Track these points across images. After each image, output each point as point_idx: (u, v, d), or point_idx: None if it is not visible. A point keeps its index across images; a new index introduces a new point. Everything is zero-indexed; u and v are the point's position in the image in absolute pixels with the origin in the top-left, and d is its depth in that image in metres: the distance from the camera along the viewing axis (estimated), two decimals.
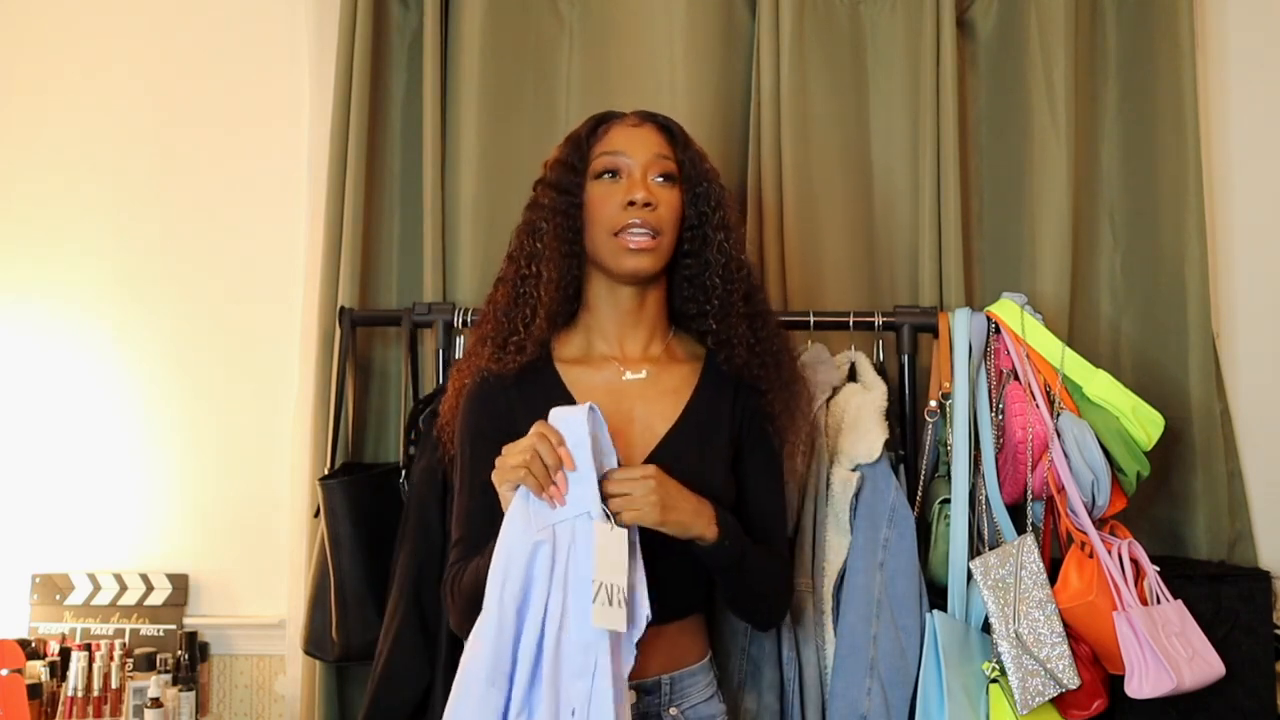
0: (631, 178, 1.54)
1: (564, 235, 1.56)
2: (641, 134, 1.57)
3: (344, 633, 1.96)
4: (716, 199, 1.59)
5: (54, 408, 2.29)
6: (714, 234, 1.58)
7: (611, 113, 1.62)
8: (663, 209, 1.54)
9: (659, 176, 1.55)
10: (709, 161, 1.62)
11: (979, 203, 2.30)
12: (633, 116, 1.60)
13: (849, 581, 1.83)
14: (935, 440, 1.97)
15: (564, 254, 1.56)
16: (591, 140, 1.58)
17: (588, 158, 1.57)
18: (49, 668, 2.09)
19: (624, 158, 1.55)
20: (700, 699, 1.59)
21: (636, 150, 1.55)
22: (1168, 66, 2.24)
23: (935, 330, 2.01)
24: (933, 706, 1.78)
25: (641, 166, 1.55)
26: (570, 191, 1.56)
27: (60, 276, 2.31)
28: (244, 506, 2.28)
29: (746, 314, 1.60)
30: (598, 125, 1.60)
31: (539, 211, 1.59)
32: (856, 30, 2.29)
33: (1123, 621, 1.76)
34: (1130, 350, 2.28)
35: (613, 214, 1.53)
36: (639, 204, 1.51)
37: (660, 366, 1.61)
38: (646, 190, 1.52)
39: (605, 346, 1.60)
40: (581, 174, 1.57)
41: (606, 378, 1.58)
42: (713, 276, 1.58)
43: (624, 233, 1.52)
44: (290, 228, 2.30)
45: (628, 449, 1.54)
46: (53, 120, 2.34)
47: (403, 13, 2.28)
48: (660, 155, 1.56)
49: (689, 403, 1.59)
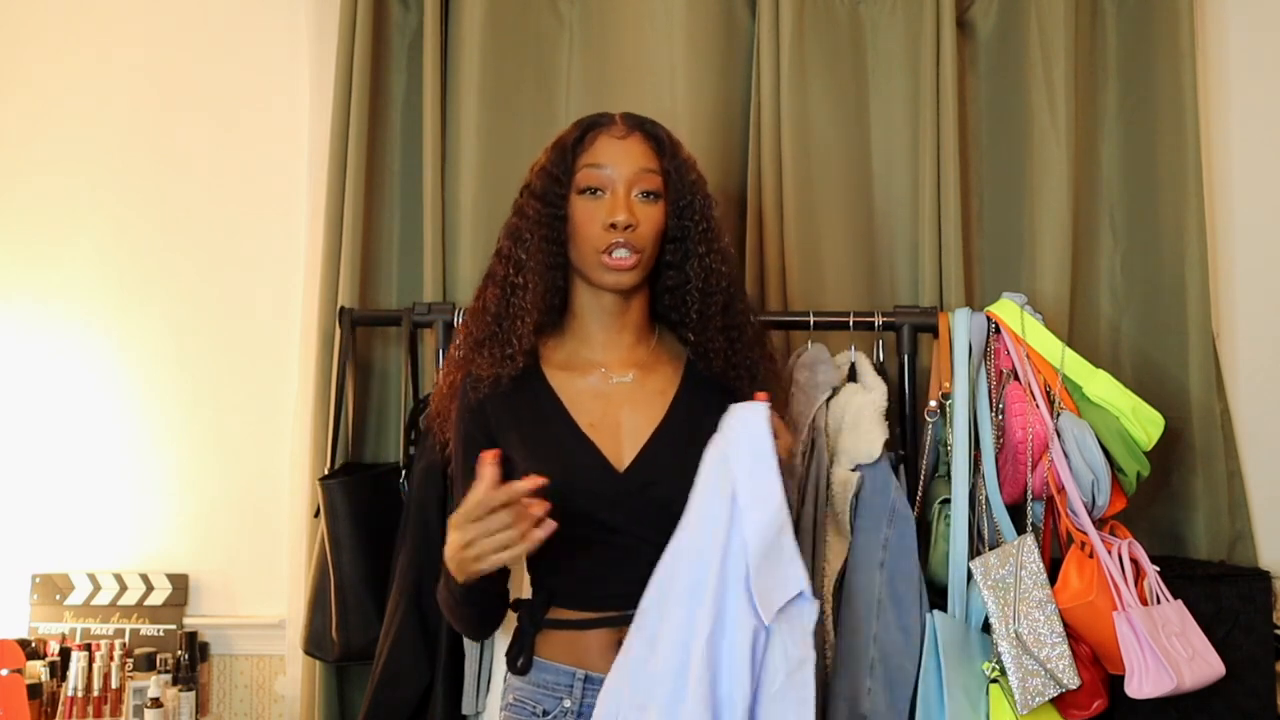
0: (615, 195, 1.54)
1: (548, 247, 1.57)
2: (627, 146, 1.57)
3: (344, 633, 1.96)
4: (700, 211, 1.59)
5: (54, 408, 2.29)
6: (695, 248, 1.59)
7: (600, 118, 1.61)
8: (644, 227, 1.55)
9: (641, 193, 1.55)
10: (696, 170, 1.62)
11: (979, 203, 2.30)
12: (620, 125, 1.59)
13: (849, 581, 1.83)
14: (935, 440, 1.97)
15: (548, 265, 1.57)
16: (578, 150, 1.58)
17: (572, 169, 1.57)
18: (49, 668, 2.09)
19: (606, 172, 1.55)
20: None
21: (620, 164, 1.55)
22: (1168, 66, 2.24)
23: (935, 330, 2.01)
24: (933, 706, 1.78)
25: (625, 182, 1.55)
26: (554, 204, 1.57)
27: (60, 277, 2.31)
28: (244, 506, 2.28)
29: (724, 326, 1.60)
30: (585, 133, 1.59)
31: (524, 220, 1.60)
32: (856, 30, 2.29)
33: (1123, 621, 1.76)
34: (1130, 350, 2.28)
35: (595, 233, 1.54)
36: (620, 226, 1.52)
37: (646, 369, 1.62)
38: (628, 212, 1.53)
39: (591, 352, 1.62)
40: (566, 185, 1.57)
41: (594, 382, 1.60)
42: (692, 290, 1.59)
43: (606, 252, 1.53)
44: (290, 228, 2.30)
45: (618, 451, 1.55)
46: (52, 120, 2.33)
47: (403, 13, 2.28)
48: (644, 170, 1.56)
49: (672, 402, 1.60)
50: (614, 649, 1.53)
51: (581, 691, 1.53)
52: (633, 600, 1.53)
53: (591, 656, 1.54)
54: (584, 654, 1.54)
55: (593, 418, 1.57)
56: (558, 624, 1.55)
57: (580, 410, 1.58)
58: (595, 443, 1.55)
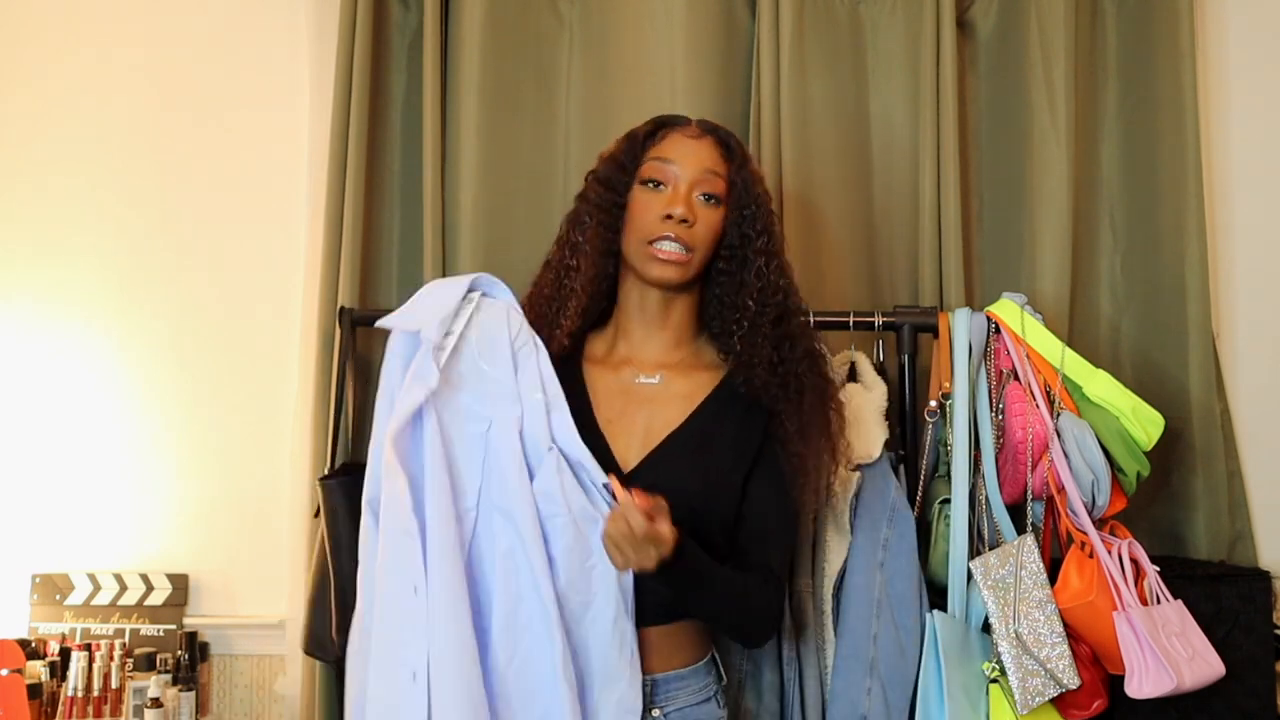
0: (676, 190, 1.55)
1: (603, 233, 1.59)
2: (697, 147, 1.58)
3: (344, 633, 1.95)
4: (763, 223, 1.59)
5: (53, 408, 2.29)
6: (754, 258, 1.58)
7: (675, 118, 1.63)
8: (699, 227, 1.55)
9: (704, 195, 1.56)
10: (763, 185, 1.62)
11: (979, 203, 2.30)
12: (694, 126, 1.61)
13: (849, 581, 1.83)
14: (935, 440, 1.97)
15: (601, 251, 1.59)
16: (648, 143, 1.60)
17: (640, 159, 1.59)
18: (49, 668, 2.09)
19: (673, 167, 1.56)
20: (690, 702, 1.57)
21: (687, 162, 1.56)
22: (1168, 66, 2.24)
23: (935, 330, 2.01)
24: (933, 706, 1.78)
25: (689, 181, 1.55)
26: (616, 190, 1.59)
27: (59, 277, 2.31)
28: (244, 506, 2.28)
29: (774, 336, 1.59)
30: (658, 128, 1.61)
31: (584, 204, 1.62)
32: (856, 30, 2.29)
33: (1123, 621, 1.76)
34: (1130, 350, 2.28)
35: (650, 223, 1.55)
36: (675, 219, 1.53)
37: (677, 372, 1.62)
38: (687, 206, 1.54)
39: (628, 348, 1.63)
40: (631, 174, 1.58)
41: (620, 379, 1.61)
42: (745, 298, 1.58)
43: (656, 242, 1.54)
44: (290, 228, 2.30)
45: (627, 451, 1.56)
46: (52, 120, 2.33)
47: (403, 13, 2.28)
48: (710, 172, 1.57)
49: (696, 410, 1.59)
50: None
51: None
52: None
53: None
54: None
55: (611, 414, 1.58)
56: None
57: (602, 405, 1.59)
58: (607, 439, 1.56)
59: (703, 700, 1.59)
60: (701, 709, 1.58)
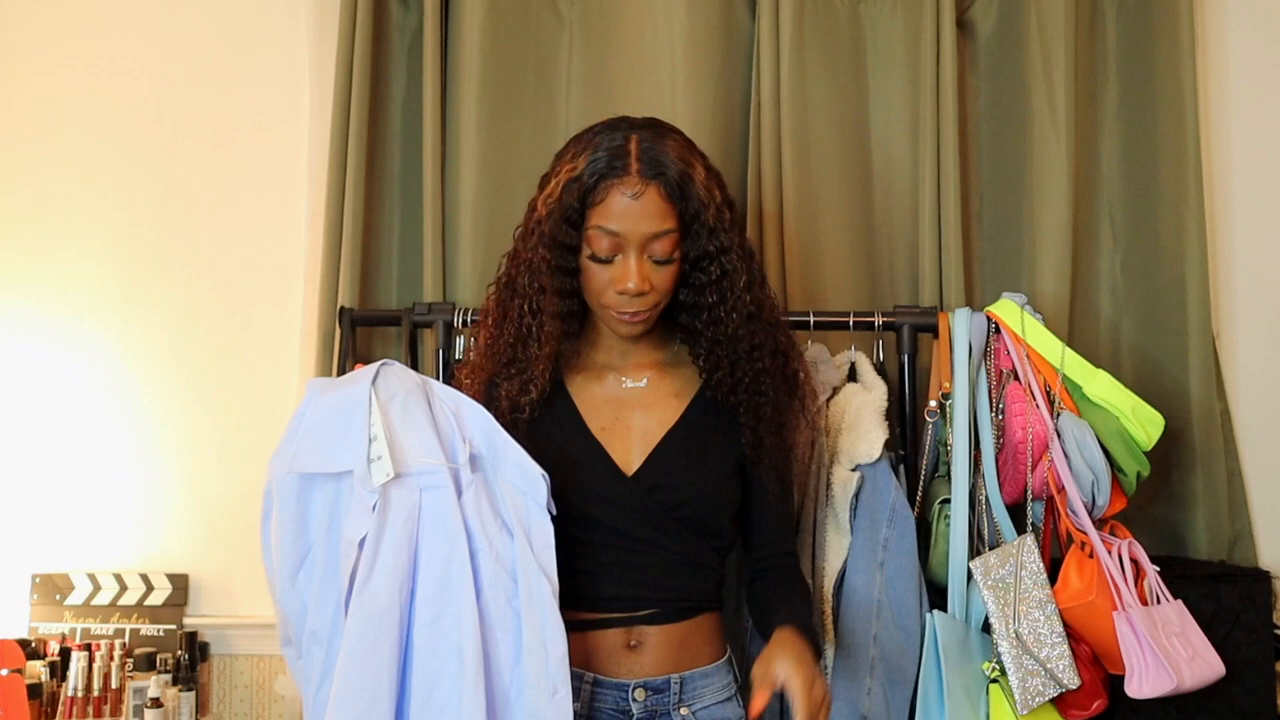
0: (625, 262, 1.49)
1: (563, 289, 1.54)
2: (641, 208, 1.48)
3: None
4: (719, 245, 1.53)
5: (54, 408, 2.29)
6: (715, 282, 1.54)
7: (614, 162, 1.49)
8: (656, 284, 1.51)
9: (655, 260, 1.50)
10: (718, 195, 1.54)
11: (979, 203, 2.30)
12: (635, 178, 1.48)
13: (849, 581, 1.83)
14: (935, 440, 1.97)
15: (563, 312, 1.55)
16: (589, 201, 1.50)
17: (583, 227, 1.51)
18: (49, 668, 2.09)
19: (619, 238, 1.49)
20: (714, 700, 1.58)
21: (632, 231, 1.48)
22: (1168, 66, 2.24)
23: (935, 330, 2.01)
24: (933, 706, 1.78)
25: (637, 248, 1.49)
26: (565, 259, 1.52)
27: (59, 276, 2.31)
28: (244, 506, 2.27)
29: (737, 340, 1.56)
30: (599, 180, 1.49)
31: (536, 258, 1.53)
32: (856, 30, 2.29)
33: (1123, 621, 1.76)
34: (1130, 350, 2.28)
35: (605, 294, 1.51)
36: (630, 294, 1.50)
37: (662, 371, 1.62)
38: (639, 278, 1.49)
39: (608, 357, 1.62)
40: (577, 241, 1.51)
41: (606, 387, 1.60)
42: (701, 315, 1.56)
43: (616, 309, 1.52)
44: (290, 228, 2.30)
45: (627, 455, 1.56)
46: (52, 120, 2.33)
47: (403, 13, 2.28)
48: (658, 233, 1.49)
49: (688, 406, 1.60)
50: (622, 650, 1.54)
51: (590, 694, 1.53)
52: (641, 602, 1.54)
53: (599, 658, 1.54)
54: (592, 656, 1.54)
55: (604, 421, 1.58)
56: (566, 626, 1.55)
57: (592, 414, 1.58)
58: (605, 447, 1.56)
59: (726, 699, 1.60)
60: (725, 707, 1.59)
